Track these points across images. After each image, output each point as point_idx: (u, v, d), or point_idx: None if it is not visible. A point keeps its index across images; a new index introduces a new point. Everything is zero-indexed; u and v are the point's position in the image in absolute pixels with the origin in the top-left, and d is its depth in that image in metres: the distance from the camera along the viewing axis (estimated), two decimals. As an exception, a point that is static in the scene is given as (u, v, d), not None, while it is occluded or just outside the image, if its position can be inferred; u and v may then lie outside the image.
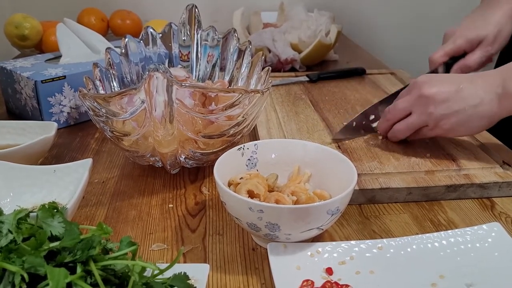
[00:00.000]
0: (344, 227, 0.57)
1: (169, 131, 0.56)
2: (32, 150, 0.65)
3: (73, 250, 0.36)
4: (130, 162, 0.72)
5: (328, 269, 0.48)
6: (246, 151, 0.59)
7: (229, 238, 0.55)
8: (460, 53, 0.84)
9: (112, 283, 0.37)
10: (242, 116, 0.63)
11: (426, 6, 1.66)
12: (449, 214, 0.60)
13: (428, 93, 0.65)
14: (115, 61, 0.75)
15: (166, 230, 0.57)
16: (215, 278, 0.49)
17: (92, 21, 1.32)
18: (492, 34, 0.82)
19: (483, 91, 0.63)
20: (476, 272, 0.47)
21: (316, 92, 0.97)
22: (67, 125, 0.86)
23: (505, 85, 0.62)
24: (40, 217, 0.39)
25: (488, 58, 0.84)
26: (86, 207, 0.61)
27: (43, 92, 0.81)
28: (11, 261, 0.34)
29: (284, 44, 1.15)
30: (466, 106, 0.63)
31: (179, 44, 0.81)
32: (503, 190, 0.63)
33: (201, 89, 0.60)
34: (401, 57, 1.65)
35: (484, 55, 0.83)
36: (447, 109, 0.64)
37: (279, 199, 0.52)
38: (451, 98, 0.64)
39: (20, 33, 1.17)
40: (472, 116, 0.64)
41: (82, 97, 0.60)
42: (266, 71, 0.71)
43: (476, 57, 0.83)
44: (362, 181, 0.62)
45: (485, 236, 0.51)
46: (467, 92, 0.64)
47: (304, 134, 0.77)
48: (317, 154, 0.58)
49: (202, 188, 0.66)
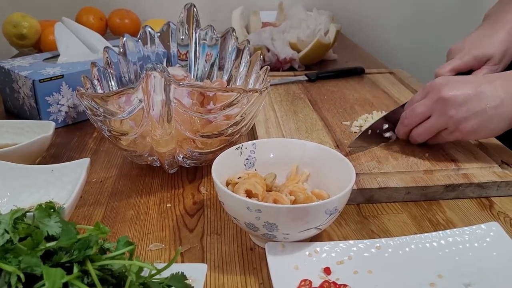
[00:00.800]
0: (342, 226, 0.57)
1: (167, 130, 0.56)
2: (30, 149, 0.65)
3: (70, 250, 0.36)
4: (128, 162, 0.72)
5: (326, 269, 0.47)
6: (244, 151, 0.59)
7: (227, 238, 0.55)
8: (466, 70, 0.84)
9: (109, 283, 0.37)
10: (241, 115, 0.62)
11: (425, 6, 1.65)
12: (447, 214, 0.60)
13: (447, 96, 0.64)
14: (113, 60, 0.75)
15: (164, 230, 0.56)
16: (213, 278, 0.49)
17: (91, 20, 1.32)
18: (498, 53, 0.82)
19: (503, 92, 0.62)
20: (474, 271, 0.47)
21: (315, 92, 0.97)
22: (65, 124, 0.85)
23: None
24: (37, 217, 0.39)
25: None
26: (83, 207, 0.61)
27: (41, 92, 0.80)
28: (8, 261, 0.34)
29: (283, 43, 1.15)
30: (487, 107, 0.62)
31: (177, 43, 0.81)
32: (501, 190, 0.63)
33: (199, 88, 0.60)
34: (400, 56, 1.65)
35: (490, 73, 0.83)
36: (467, 112, 0.63)
37: (277, 199, 0.52)
38: (471, 100, 0.63)
39: (18, 32, 1.17)
40: (492, 117, 0.63)
41: (80, 97, 0.60)
42: (265, 71, 0.71)
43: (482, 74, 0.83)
44: (361, 180, 0.62)
45: (484, 235, 0.51)
46: (487, 93, 0.63)
47: (303, 134, 0.77)
48: (315, 154, 0.58)
49: (200, 187, 0.66)
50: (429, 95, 0.67)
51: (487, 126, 0.64)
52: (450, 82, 0.65)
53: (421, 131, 0.68)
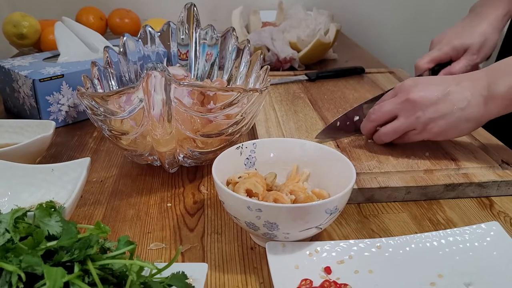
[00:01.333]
0: (342, 226, 0.57)
1: (167, 130, 0.56)
2: (30, 149, 0.65)
3: (71, 250, 0.36)
4: (128, 161, 0.72)
5: (327, 268, 0.48)
6: (245, 150, 0.59)
7: (228, 237, 0.55)
8: (445, 60, 0.85)
9: (110, 283, 0.37)
10: (241, 115, 0.62)
11: (425, 5, 1.65)
12: (448, 213, 0.60)
13: (415, 97, 0.64)
14: (113, 59, 0.75)
15: (164, 229, 0.56)
16: (214, 277, 0.49)
17: (91, 20, 1.32)
18: (477, 43, 0.83)
19: (470, 94, 0.63)
20: (474, 271, 0.47)
21: (315, 91, 0.97)
22: (65, 124, 0.85)
23: (491, 87, 0.62)
24: (38, 216, 0.39)
25: (473, 67, 0.85)
26: (84, 206, 0.61)
27: (41, 91, 0.80)
28: (8, 261, 0.34)
29: (283, 43, 1.15)
30: (454, 109, 0.63)
31: (178, 43, 0.81)
32: (501, 189, 0.63)
33: (200, 88, 0.60)
34: (400, 56, 1.65)
35: (469, 63, 0.84)
36: (435, 113, 0.64)
37: (277, 198, 0.52)
38: (438, 102, 0.64)
39: (18, 32, 1.17)
40: (460, 118, 0.63)
41: (80, 96, 0.60)
42: (265, 70, 0.71)
43: (461, 65, 0.84)
44: (361, 180, 0.62)
45: (484, 235, 0.51)
46: (455, 95, 0.63)
47: (303, 133, 0.77)
48: (316, 153, 0.58)
49: (201, 187, 0.66)
50: (398, 95, 0.68)
51: (455, 127, 0.64)
52: (418, 84, 0.66)
53: (387, 131, 0.69)
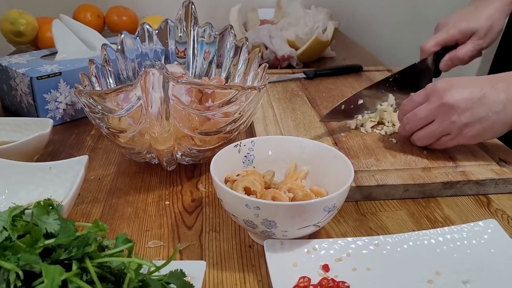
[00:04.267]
0: (340, 224, 0.57)
1: (165, 127, 0.56)
2: (28, 147, 0.65)
3: (69, 247, 0.36)
4: (126, 159, 0.72)
5: (325, 266, 0.48)
6: (243, 148, 0.59)
7: (226, 235, 0.55)
8: (451, 44, 0.85)
9: (108, 280, 0.37)
10: (239, 112, 0.62)
11: (423, 3, 1.65)
12: (445, 211, 0.60)
13: (450, 101, 0.62)
14: (111, 57, 0.74)
15: (162, 227, 0.56)
16: (212, 275, 0.49)
17: (88, 17, 1.31)
18: (484, 28, 0.82)
19: (505, 96, 0.62)
20: (472, 268, 0.47)
21: (313, 89, 0.97)
22: (63, 121, 0.85)
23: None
24: (35, 214, 0.39)
25: (478, 51, 0.85)
26: (82, 204, 0.61)
27: (39, 89, 0.80)
28: (6, 259, 0.34)
29: (281, 41, 1.15)
30: (490, 112, 0.62)
31: (176, 41, 0.81)
32: (499, 187, 0.63)
33: (198, 85, 0.60)
34: (398, 54, 1.65)
35: (475, 48, 0.83)
36: (470, 117, 0.62)
37: (275, 196, 0.52)
38: (474, 106, 0.62)
39: (16, 29, 1.16)
40: (495, 122, 0.62)
41: (77, 94, 0.60)
42: (263, 68, 0.71)
43: (467, 49, 0.83)
44: (359, 178, 0.62)
45: (481, 232, 0.51)
46: (490, 98, 0.62)
47: (301, 131, 0.77)
48: (314, 151, 0.58)
49: (199, 185, 0.65)
50: (431, 99, 0.65)
51: (490, 130, 0.63)
52: (452, 86, 0.64)
53: (422, 135, 0.67)
